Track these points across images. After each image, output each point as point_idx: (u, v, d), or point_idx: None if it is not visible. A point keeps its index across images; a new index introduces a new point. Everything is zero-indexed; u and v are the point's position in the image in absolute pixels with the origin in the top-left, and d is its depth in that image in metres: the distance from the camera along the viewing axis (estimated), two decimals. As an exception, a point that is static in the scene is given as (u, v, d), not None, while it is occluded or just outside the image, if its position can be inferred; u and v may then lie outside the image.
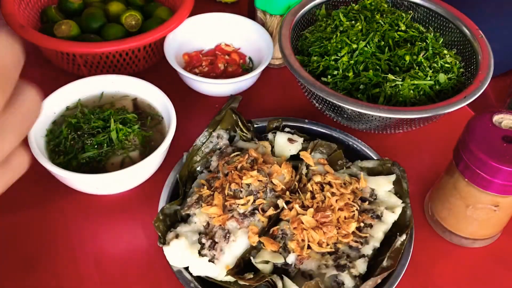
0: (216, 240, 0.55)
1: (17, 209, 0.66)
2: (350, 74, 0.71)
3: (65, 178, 0.61)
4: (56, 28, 0.82)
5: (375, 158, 0.67)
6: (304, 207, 0.57)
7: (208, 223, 0.56)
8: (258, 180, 0.59)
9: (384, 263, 0.55)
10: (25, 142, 0.62)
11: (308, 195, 0.59)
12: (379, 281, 0.54)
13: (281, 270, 0.55)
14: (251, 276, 0.53)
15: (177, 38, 0.83)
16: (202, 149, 0.66)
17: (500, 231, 0.67)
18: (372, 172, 0.64)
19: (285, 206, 0.58)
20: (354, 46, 0.73)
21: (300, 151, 0.65)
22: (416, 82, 0.69)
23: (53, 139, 0.66)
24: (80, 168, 0.64)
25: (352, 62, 0.72)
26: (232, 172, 0.59)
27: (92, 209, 0.67)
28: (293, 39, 0.77)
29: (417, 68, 0.71)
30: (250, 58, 0.87)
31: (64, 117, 0.69)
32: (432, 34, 0.78)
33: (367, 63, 0.72)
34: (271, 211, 0.57)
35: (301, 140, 0.66)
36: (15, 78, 0.28)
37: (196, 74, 0.83)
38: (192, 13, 0.85)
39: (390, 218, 0.59)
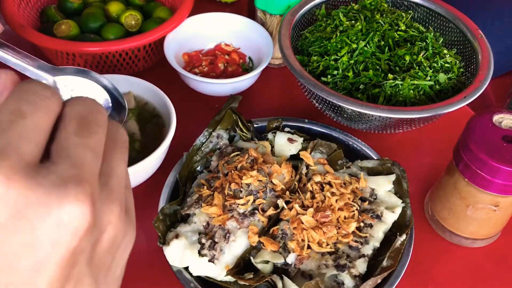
0: (216, 240, 0.55)
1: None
2: (350, 74, 0.71)
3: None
4: (56, 28, 0.82)
5: (375, 158, 0.67)
6: (304, 207, 0.57)
7: (208, 223, 0.56)
8: (258, 180, 0.59)
9: (384, 263, 0.55)
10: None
11: (308, 195, 0.59)
12: (379, 281, 0.54)
13: (281, 270, 0.55)
14: (251, 276, 0.53)
15: (177, 38, 0.83)
16: (202, 149, 0.66)
17: (500, 231, 0.67)
18: (372, 172, 0.64)
19: (285, 206, 0.58)
20: (354, 46, 0.73)
21: (300, 151, 0.65)
22: (416, 82, 0.69)
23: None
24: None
25: (352, 62, 0.72)
26: (232, 172, 0.59)
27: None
28: (293, 39, 0.77)
29: (417, 68, 0.71)
30: (250, 58, 0.87)
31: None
32: (432, 34, 0.78)
33: (367, 63, 0.72)
34: (271, 211, 0.57)
35: (301, 140, 0.66)
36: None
37: (196, 74, 0.83)
38: (192, 13, 0.85)
39: (390, 218, 0.59)
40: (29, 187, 0.23)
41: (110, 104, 0.48)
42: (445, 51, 0.75)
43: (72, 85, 0.46)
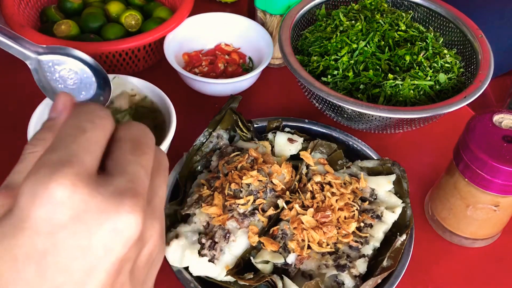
0: (216, 240, 0.55)
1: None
2: (350, 74, 0.71)
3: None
4: (56, 28, 0.82)
5: (375, 158, 0.67)
6: (304, 207, 0.57)
7: (208, 223, 0.56)
8: (258, 180, 0.59)
9: (384, 263, 0.55)
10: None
11: (308, 195, 0.59)
12: (379, 281, 0.54)
13: (281, 270, 0.55)
14: (251, 276, 0.53)
15: (177, 38, 0.83)
16: (202, 149, 0.66)
17: (500, 231, 0.67)
18: (372, 172, 0.64)
19: (285, 206, 0.58)
20: (354, 46, 0.73)
21: (300, 151, 0.65)
22: (416, 82, 0.69)
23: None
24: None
25: (352, 62, 0.72)
26: (232, 172, 0.59)
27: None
28: (293, 39, 0.77)
29: (417, 68, 0.71)
30: (250, 58, 0.87)
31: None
32: (432, 34, 0.78)
33: (367, 63, 0.72)
34: (271, 211, 0.57)
35: (301, 140, 0.66)
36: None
37: (196, 74, 0.83)
38: (192, 13, 0.85)
39: (390, 218, 0.59)
40: (90, 194, 0.25)
41: (94, 79, 0.48)
42: (445, 51, 0.75)
43: (56, 63, 0.46)
